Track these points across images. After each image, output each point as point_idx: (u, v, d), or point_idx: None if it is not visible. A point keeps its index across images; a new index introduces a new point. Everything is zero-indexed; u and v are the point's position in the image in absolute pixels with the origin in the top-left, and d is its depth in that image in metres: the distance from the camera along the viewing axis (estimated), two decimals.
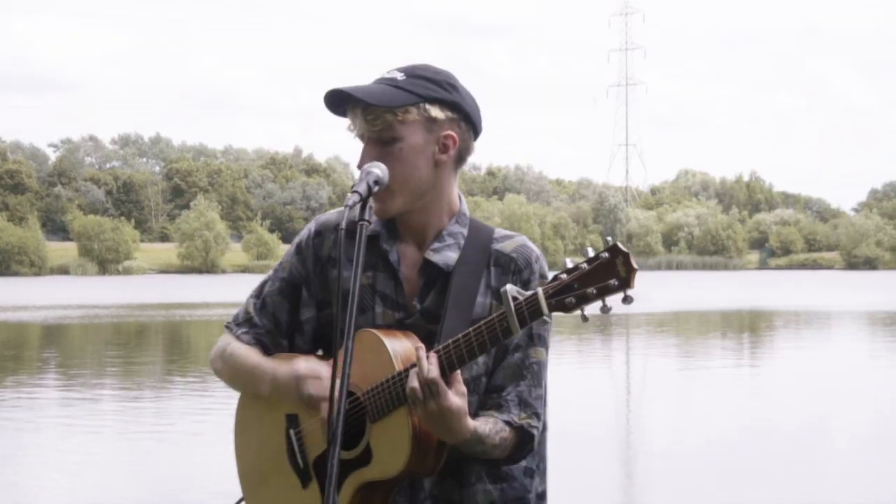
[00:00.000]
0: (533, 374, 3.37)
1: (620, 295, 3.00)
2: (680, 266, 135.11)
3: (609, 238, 3.03)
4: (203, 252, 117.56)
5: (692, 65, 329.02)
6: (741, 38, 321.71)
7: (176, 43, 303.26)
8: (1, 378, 23.65)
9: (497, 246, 3.44)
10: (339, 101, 3.33)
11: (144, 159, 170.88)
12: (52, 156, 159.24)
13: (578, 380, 22.86)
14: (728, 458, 14.02)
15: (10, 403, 19.20)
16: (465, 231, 3.43)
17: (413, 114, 3.30)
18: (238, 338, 3.54)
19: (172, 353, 30.76)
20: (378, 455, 3.26)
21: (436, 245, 3.39)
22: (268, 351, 3.51)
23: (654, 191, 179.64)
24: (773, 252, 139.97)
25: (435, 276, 3.38)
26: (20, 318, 43.31)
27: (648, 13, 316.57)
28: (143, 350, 31.48)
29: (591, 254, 3.03)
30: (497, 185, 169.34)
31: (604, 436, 15.74)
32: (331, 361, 3.34)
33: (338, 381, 3.05)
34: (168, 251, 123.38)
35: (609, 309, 3.02)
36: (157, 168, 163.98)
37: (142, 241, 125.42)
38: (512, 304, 3.05)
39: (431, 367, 3.13)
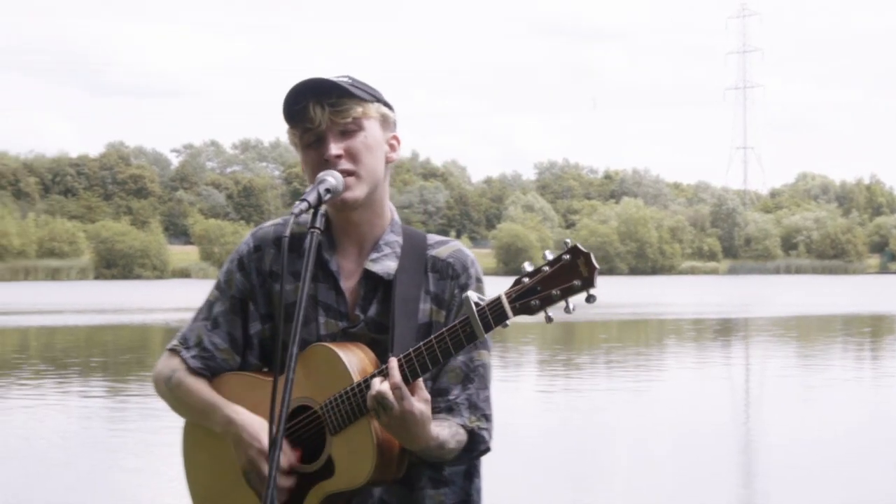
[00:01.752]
0: (479, 376, 3.43)
1: (584, 295, 3.06)
2: (798, 270, 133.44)
3: (568, 240, 3.08)
4: None
5: (810, 67, 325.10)
6: (859, 39, 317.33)
7: (292, 48, 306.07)
8: (126, 380, 24.08)
9: (432, 252, 3.48)
10: (301, 96, 3.39)
11: (264, 163, 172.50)
12: (175, 160, 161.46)
13: (700, 384, 22.73)
14: (848, 457, 13.90)
15: (137, 402, 19.54)
16: (400, 239, 3.48)
17: (373, 109, 3.43)
18: (185, 362, 3.54)
19: None
20: (341, 466, 3.29)
21: (374, 255, 3.45)
22: (215, 374, 3.53)
23: (773, 194, 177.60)
24: (893, 256, 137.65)
25: (376, 286, 3.43)
26: (143, 320, 43.99)
27: (766, 15, 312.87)
28: None
29: (551, 257, 3.07)
30: (614, 188, 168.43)
31: (724, 435, 15.66)
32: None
33: (279, 395, 3.06)
34: None
35: (573, 309, 3.06)
36: (277, 172, 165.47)
37: None
38: (475, 310, 3.11)
39: (393, 374, 3.18)
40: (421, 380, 3.21)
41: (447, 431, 3.31)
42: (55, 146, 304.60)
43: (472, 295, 3.11)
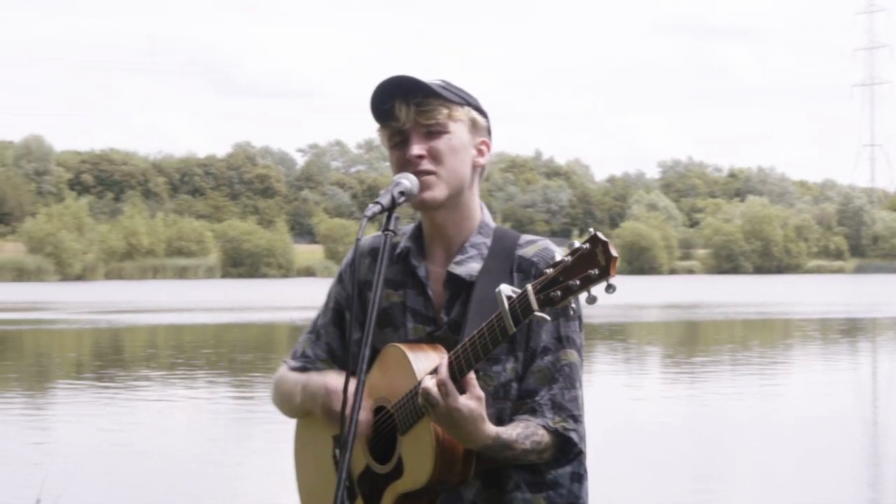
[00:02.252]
0: (565, 376, 3.37)
1: (603, 284, 3.00)
2: None
3: (591, 229, 3.04)
4: None
5: None
6: None
7: (416, 48, 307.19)
8: (252, 378, 24.37)
9: (520, 252, 3.44)
10: (388, 95, 3.37)
11: (388, 163, 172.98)
12: (300, 160, 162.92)
13: (826, 384, 22.48)
14: None
15: (263, 400, 19.78)
16: (488, 241, 3.46)
17: (462, 113, 3.40)
18: (290, 369, 3.64)
19: None
20: (408, 466, 3.30)
21: (459, 257, 3.43)
22: None
23: None
24: None
25: (459, 288, 3.42)
26: (269, 319, 44.47)
27: (894, 11, 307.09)
28: None
29: (575, 245, 3.04)
30: (739, 186, 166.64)
31: (851, 436, 15.50)
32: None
33: (350, 393, 3.13)
34: None
35: (595, 299, 3.01)
36: None
37: None
38: (506, 304, 3.08)
39: (441, 370, 3.17)
40: (473, 377, 3.18)
41: (516, 432, 3.26)
42: (183, 147, 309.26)
43: (505, 288, 3.08)
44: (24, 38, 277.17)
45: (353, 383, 3.16)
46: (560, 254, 3.18)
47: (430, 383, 3.17)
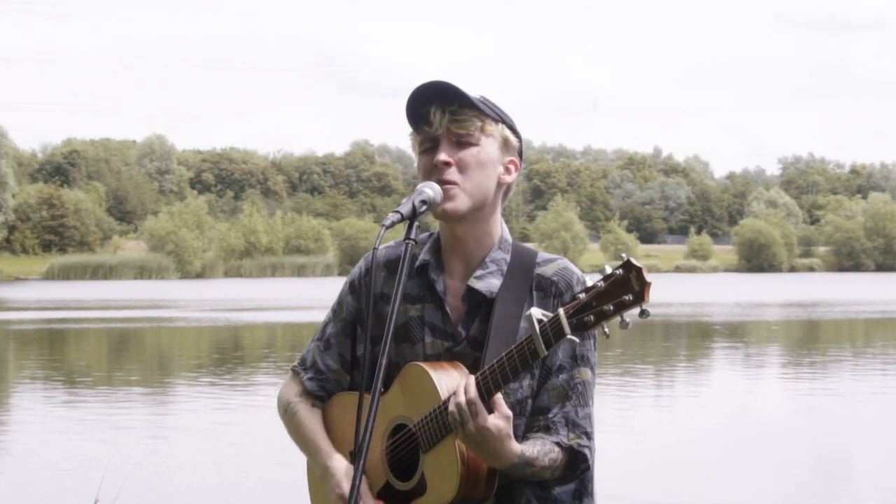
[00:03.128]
0: (578, 394, 3.38)
1: (637, 309, 3.01)
2: None
3: (623, 255, 3.06)
4: (560, 252, 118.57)
5: None
6: None
7: (534, 45, 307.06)
8: None
9: (539, 270, 3.44)
10: (425, 100, 3.37)
11: None
12: (415, 158, 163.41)
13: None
14: None
15: None
16: (507, 257, 3.45)
17: (495, 129, 3.40)
18: (303, 384, 3.62)
19: None
20: (431, 484, 3.31)
21: (479, 272, 3.42)
22: (330, 395, 3.62)
23: None
24: None
25: (478, 304, 3.41)
26: None
27: None
28: None
29: (609, 271, 3.04)
30: (861, 183, 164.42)
31: None
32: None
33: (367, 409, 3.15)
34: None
35: (627, 324, 3.02)
36: None
37: None
38: (537, 327, 3.08)
39: (469, 390, 3.18)
40: (500, 396, 3.20)
41: (536, 449, 3.29)
42: (303, 145, 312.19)
43: (536, 312, 3.09)
44: (149, 37, 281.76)
45: (360, 398, 3.20)
46: (579, 277, 3.33)
47: (461, 401, 3.18)
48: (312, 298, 56.29)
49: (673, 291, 66.51)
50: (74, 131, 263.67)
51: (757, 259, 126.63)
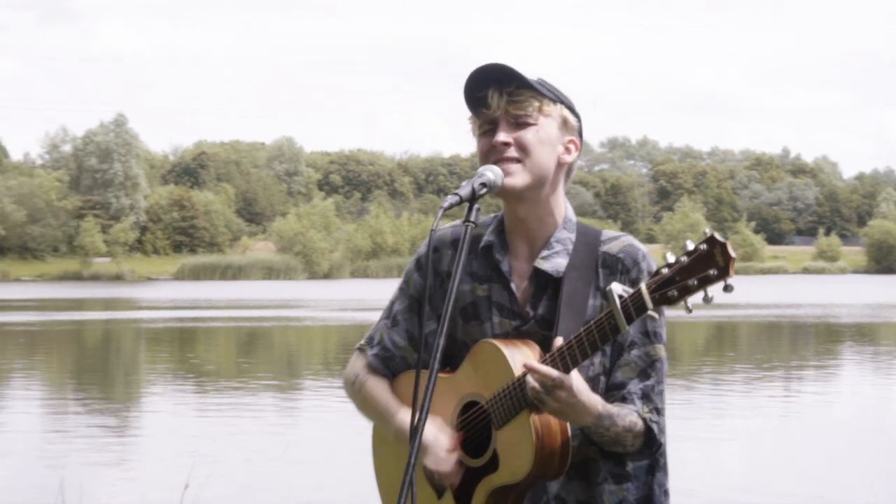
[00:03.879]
0: (656, 371, 3.39)
1: (721, 284, 2.99)
2: None
3: (707, 230, 3.05)
4: None
5: None
6: None
7: (660, 45, 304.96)
8: None
9: (604, 248, 3.45)
10: (484, 80, 3.41)
11: (632, 161, 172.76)
12: None
13: None
14: None
15: None
16: (572, 236, 3.46)
17: (553, 109, 3.42)
18: (369, 362, 3.64)
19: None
20: (504, 460, 3.31)
21: (545, 253, 3.44)
22: (395, 373, 3.63)
23: None
24: None
25: (545, 283, 3.43)
26: None
27: None
28: None
29: (691, 247, 3.03)
30: None
31: None
32: (444, 416, 3.45)
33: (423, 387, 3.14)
34: (654, 253, 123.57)
35: (711, 299, 3.01)
36: (644, 170, 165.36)
37: None
38: (618, 302, 3.07)
39: (549, 369, 3.18)
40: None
41: (616, 408, 3.31)
42: (429, 146, 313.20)
43: (617, 287, 3.09)
44: (278, 41, 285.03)
45: (416, 375, 3.18)
46: (644, 254, 3.34)
47: (542, 375, 3.18)
48: None
49: (801, 293, 65.70)
50: (205, 134, 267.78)
51: (886, 260, 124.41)
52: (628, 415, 3.32)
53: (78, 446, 14.96)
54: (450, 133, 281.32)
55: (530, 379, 3.20)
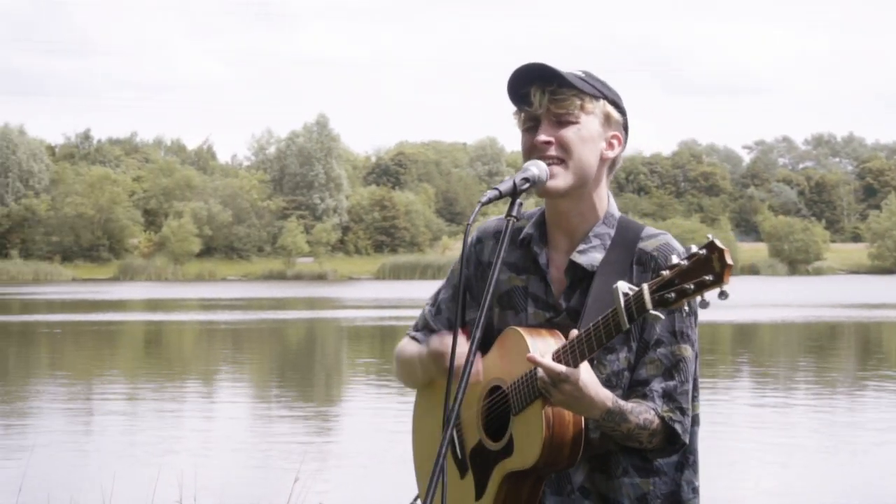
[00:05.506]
0: (680, 371, 3.41)
1: (717, 291, 3.01)
2: None
3: (709, 235, 3.06)
4: (895, 252, 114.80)
5: None
6: None
7: (870, 42, 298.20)
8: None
9: (641, 245, 3.47)
10: (527, 78, 3.46)
11: (837, 159, 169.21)
12: (746, 157, 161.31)
13: None
14: None
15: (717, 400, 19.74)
16: (611, 232, 3.49)
17: (595, 106, 3.45)
18: (412, 339, 3.74)
19: (864, 355, 30.37)
20: (518, 446, 3.37)
21: (582, 246, 3.48)
22: None
23: None
24: None
25: (580, 277, 3.48)
26: (712, 317, 44.20)
27: None
28: (833, 352, 31.30)
29: (693, 251, 3.05)
30: None
31: None
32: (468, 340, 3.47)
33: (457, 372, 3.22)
34: (859, 251, 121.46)
35: (707, 304, 3.04)
36: (850, 167, 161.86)
37: (832, 241, 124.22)
38: (622, 301, 3.11)
39: (554, 363, 3.23)
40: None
41: (631, 405, 3.34)
42: (630, 145, 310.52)
43: (622, 285, 3.13)
44: (476, 42, 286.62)
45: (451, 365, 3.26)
46: (679, 253, 3.26)
47: (548, 368, 3.23)
48: None
49: None
50: (406, 134, 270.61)
51: None
52: (644, 412, 3.36)
53: (282, 442, 15.20)
54: (650, 131, 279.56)
55: (540, 370, 3.27)
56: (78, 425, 17.37)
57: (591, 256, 3.48)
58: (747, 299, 55.86)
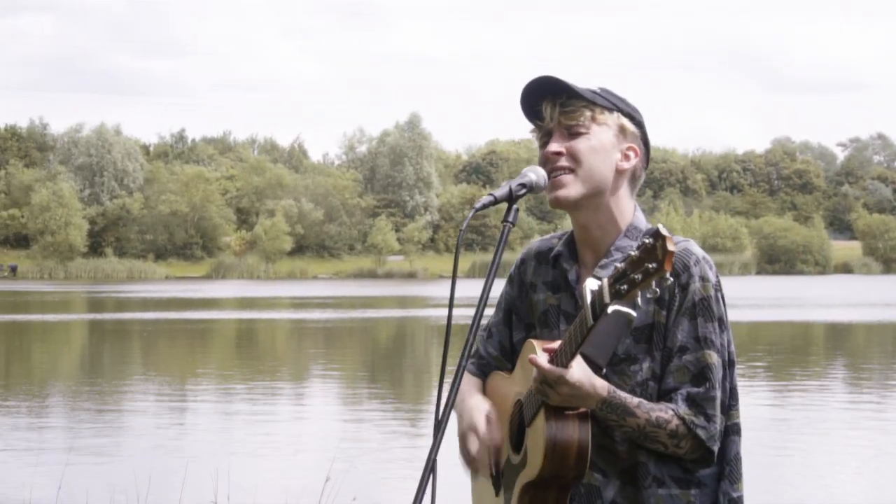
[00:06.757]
0: (705, 377, 3.36)
1: (660, 278, 2.95)
2: None
3: (660, 225, 2.99)
4: None
5: None
6: None
7: None
8: (790, 375, 24.10)
9: None
10: (538, 93, 3.45)
11: None
12: (841, 155, 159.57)
13: None
14: None
15: (808, 400, 19.57)
16: (634, 244, 3.39)
17: (607, 117, 3.44)
18: (469, 370, 3.75)
19: None
20: (529, 456, 3.36)
21: (604, 261, 3.46)
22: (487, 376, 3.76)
23: None
24: None
25: None
26: (804, 316, 43.87)
27: None
28: None
29: (644, 241, 2.99)
30: None
31: None
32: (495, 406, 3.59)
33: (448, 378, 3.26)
34: None
35: (657, 293, 2.96)
36: None
37: None
38: (588, 297, 3.09)
39: (543, 364, 3.22)
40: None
41: (640, 401, 3.32)
42: (722, 143, 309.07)
43: (591, 282, 3.10)
44: (569, 39, 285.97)
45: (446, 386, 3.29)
46: (696, 260, 3.37)
47: (537, 374, 3.25)
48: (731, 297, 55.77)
49: None
50: (497, 132, 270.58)
51: None
52: (658, 411, 3.34)
53: (371, 441, 15.26)
54: (744, 129, 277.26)
55: (534, 372, 3.27)
56: (167, 428, 17.55)
57: (612, 270, 3.46)
58: (840, 298, 55.29)
